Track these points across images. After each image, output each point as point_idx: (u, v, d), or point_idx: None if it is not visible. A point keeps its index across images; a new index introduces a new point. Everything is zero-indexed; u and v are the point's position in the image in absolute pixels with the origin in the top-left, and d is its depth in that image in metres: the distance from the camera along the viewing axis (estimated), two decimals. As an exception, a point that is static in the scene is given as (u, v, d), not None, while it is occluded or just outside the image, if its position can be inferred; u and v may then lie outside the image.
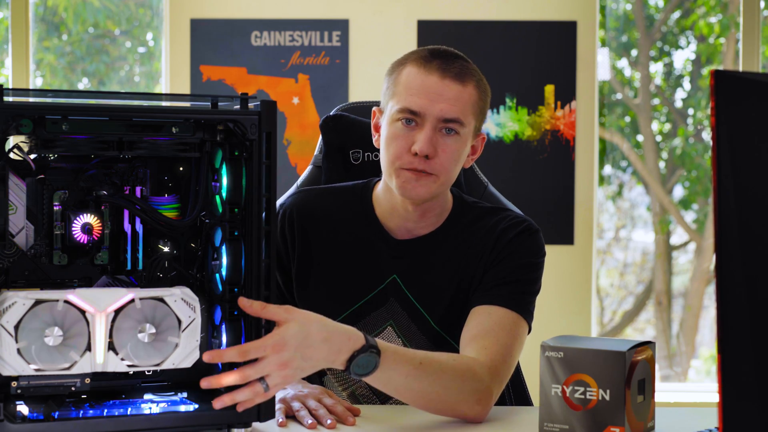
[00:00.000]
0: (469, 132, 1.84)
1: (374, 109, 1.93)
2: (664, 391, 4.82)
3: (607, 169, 5.72)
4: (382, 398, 1.92)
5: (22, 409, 1.47)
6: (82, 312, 1.46)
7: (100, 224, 1.57)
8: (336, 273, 1.91)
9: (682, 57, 5.96)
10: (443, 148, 1.80)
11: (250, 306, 1.50)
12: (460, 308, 1.85)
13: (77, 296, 1.46)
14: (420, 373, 1.61)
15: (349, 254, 1.92)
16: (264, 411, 1.54)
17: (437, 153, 1.79)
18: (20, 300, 1.43)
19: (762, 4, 4.33)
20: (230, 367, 1.57)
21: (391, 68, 1.87)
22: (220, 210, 1.59)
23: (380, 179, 1.93)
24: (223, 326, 1.58)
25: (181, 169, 1.64)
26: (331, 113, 2.16)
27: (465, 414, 1.67)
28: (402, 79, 1.83)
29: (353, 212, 1.94)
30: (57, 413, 1.47)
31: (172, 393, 1.61)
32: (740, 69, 4.33)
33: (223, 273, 1.58)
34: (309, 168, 2.18)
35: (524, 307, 1.81)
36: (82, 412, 1.49)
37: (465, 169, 2.13)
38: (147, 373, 1.56)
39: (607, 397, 1.49)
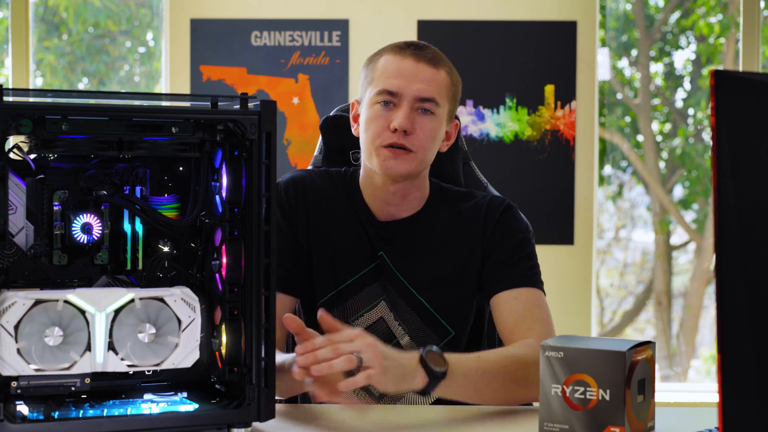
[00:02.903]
0: (444, 114, 1.92)
1: (352, 102, 2.00)
2: (664, 391, 4.82)
3: (607, 169, 5.72)
4: (382, 398, 1.92)
5: (22, 409, 1.47)
6: (82, 312, 1.46)
7: (100, 224, 1.57)
8: (332, 247, 1.96)
9: (682, 57, 5.96)
10: (420, 125, 1.88)
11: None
12: (448, 287, 1.94)
13: (77, 296, 1.46)
14: (473, 392, 1.72)
15: (341, 231, 1.97)
16: (264, 411, 1.54)
17: (415, 130, 1.87)
18: (20, 300, 1.42)
19: (762, 4, 4.33)
20: (230, 370, 1.57)
21: (367, 61, 1.97)
22: (220, 210, 1.59)
23: None
24: (223, 326, 1.58)
25: (181, 169, 1.63)
26: (330, 114, 2.16)
27: (516, 402, 1.77)
28: (378, 66, 1.92)
29: (342, 193, 1.99)
30: (57, 413, 1.47)
31: (172, 393, 1.61)
32: (740, 69, 4.33)
33: (223, 273, 1.58)
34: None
35: (537, 279, 1.93)
36: (82, 412, 1.49)
37: (465, 169, 2.15)
38: (147, 373, 1.56)
39: (607, 397, 1.49)
